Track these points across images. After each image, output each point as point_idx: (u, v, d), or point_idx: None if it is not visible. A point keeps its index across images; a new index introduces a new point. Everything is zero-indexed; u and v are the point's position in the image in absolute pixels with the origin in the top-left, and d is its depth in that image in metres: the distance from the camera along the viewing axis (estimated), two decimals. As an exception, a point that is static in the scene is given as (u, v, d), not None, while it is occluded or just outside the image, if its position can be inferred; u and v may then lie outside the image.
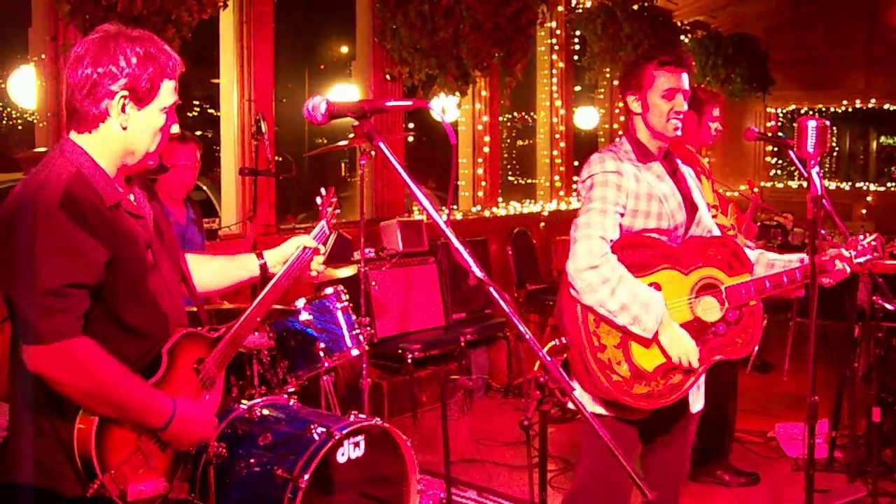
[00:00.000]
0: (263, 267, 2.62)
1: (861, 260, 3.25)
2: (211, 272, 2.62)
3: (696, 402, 3.23)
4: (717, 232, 3.30)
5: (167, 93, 2.21)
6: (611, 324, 2.92)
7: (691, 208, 3.18)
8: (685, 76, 3.09)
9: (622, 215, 3.00)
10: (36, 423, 2.13)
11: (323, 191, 2.98)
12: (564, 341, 2.97)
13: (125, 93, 2.14)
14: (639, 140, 3.13)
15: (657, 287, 2.99)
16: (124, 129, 2.17)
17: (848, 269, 3.20)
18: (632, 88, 3.13)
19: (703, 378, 3.25)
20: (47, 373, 2.04)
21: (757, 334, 3.14)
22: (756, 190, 5.50)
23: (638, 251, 2.99)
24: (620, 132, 3.27)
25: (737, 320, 3.08)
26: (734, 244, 3.17)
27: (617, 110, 9.73)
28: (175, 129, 2.28)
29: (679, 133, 3.10)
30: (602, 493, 3.16)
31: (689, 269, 3.06)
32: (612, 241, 2.94)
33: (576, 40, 9.02)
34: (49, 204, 2.02)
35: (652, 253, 3.01)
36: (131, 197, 2.28)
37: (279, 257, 2.64)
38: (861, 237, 3.28)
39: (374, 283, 5.86)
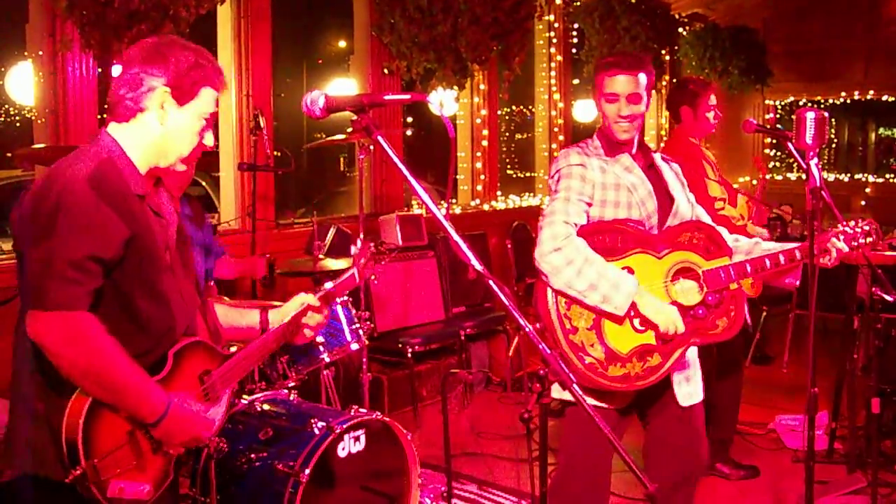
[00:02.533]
0: (264, 321, 2.62)
1: (854, 243, 3.24)
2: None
3: (688, 396, 3.21)
4: (705, 219, 3.32)
5: (208, 100, 2.28)
6: (583, 305, 2.96)
7: (666, 199, 3.20)
8: (627, 78, 3.11)
9: (589, 205, 3.07)
10: (30, 405, 2.13)
11: (359, 241, 3.22)
12: (539, 326, 3.02)
13: (167, 89, 2.20)
14: (607, 135, 3.21)
15: (629, 271, 3.03)
16: (161, 125, 2.23)
17: (845, 248, 3.19)
18: (593, 91, 3.24)
19: (695, 371, 3.27)
20: (47, 340, 2.04)
21: (740, 318, 3.15)
22: (765, 176, 5.48)
23: (609, 236, 3.03)
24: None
25: (717, 304, 3.10)
26: (711, 229, 3.18)
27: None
28: (210, 139, 2.33)
29: (627, 136, 3.15)
30: (584, 480, 3.20)
31: (663, 253, 3.09)
32: (577, 224, 3.00)
33: (574, 33, 9.01)
34: (75, 178, 2.07)
35: (623, 237, 3.05)
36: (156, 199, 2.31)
37: (282, 315, 2.63)
38: (853, 223, 3.27)
39: (373, 277, 5.85)
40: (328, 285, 2.84)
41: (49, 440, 2.08)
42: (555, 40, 8.74)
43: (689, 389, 3.23)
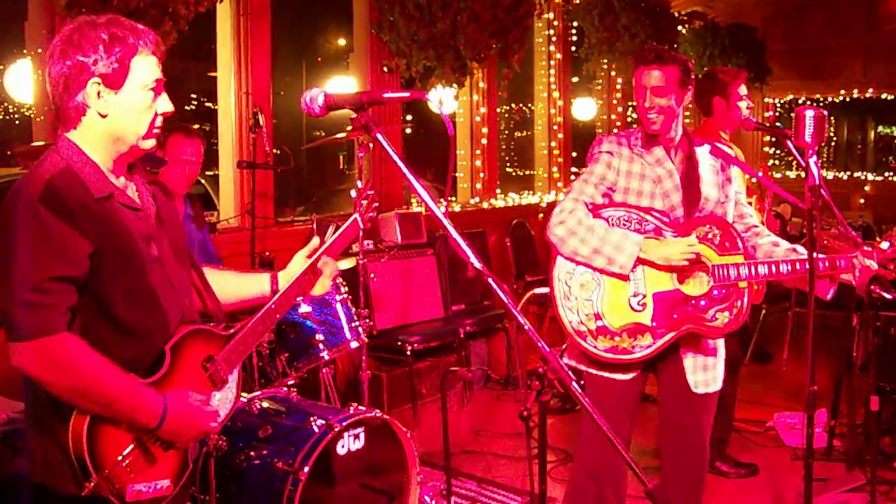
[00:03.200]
0: (275, 285, 2.53)
1: (892, 268, 3.23)
2: (217, 284, 2.50)
3: (701, 384, 3.29)
4: (750, 220, 3.41)
5: (144, 69, 2.14)
6: (593, 269, 3.14)
7: (695, 193, 3.28)
8: (652, 72, 3.21)
9: (613, 190, 3.24)
10: (39, 421, 2.12)
11: (359, 183, 2.94)
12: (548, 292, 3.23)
13: (97, 80, 2.09)
14: (644, 127, 3.31)
15: None
16: (104, 116, 2.12)
17: (874, 266, 3.17)
18: None
19: (717, 361, 3.33)
20: (30, 370, 2.01)
21: (741, 316, 3.19)
22: (768, 175, 5.40)
23: (627, 217, 3.21)
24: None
25: (722, 299, 3.16)
26: (729, 226, 3.25)
27: (615, 101, 9.72)
28: (165, 104, 2.20)
29: (655, 127, 3.24)
30: (598, 463, 3.31)
31: None
32: (588, 203, 3.19)
33: (573, 31, 9.00)
34: (29, 198, 1.99)
35: (640, 222, 3.20)
36: (131, 189, 2.23)
37: (290, 276, 2.54)
38: (883, 245, 3.23)
39: (372, 275, 5.86)
40: (330, 235, 2.73)
41: (60, 455, 2.06)
42: (554, 38, 8.73)
43: (705, 377, 3.30)
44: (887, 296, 3.97)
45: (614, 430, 3.25)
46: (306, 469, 3.19)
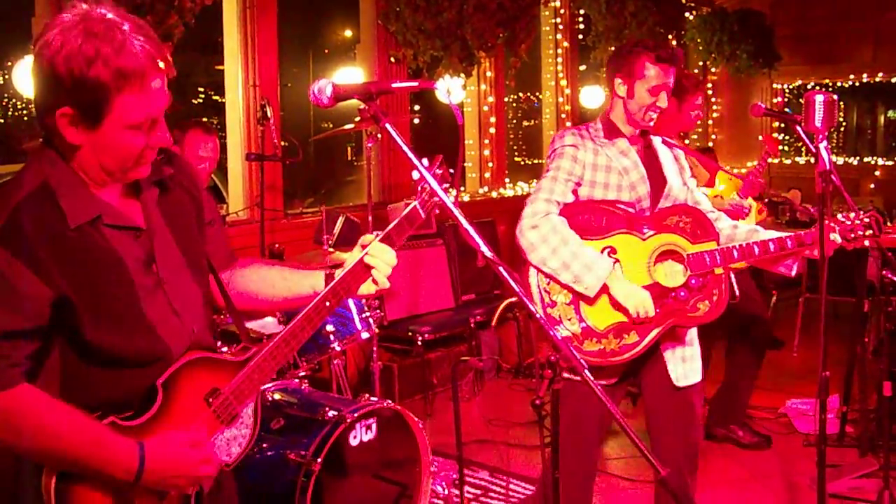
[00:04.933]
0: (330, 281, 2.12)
1: (852, 235, 3.19)
2: (263, 279, 2.18)
3: (684, 377, 3.26)
4: (705, 205, 3.36)
5: (134, 107, 1.73)
6: (557, 282, 3.07)
7: (660, 183, 3.24)
8: (670, 72, 3.18)
9: (579, 184, 3.16)
10: (22, 477, 1.86)
11: (426, 161, 2.02)
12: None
13: (66, 112, 1.71)
14: (610, 119, 3.26)
15: (612, 251, 3.11)
16: (78, 145, 1.76)
17: (838, 240, 3.16)
18: (622, 72, 3.22)
19: (693, 352, 3.30)
20: None
21: (723, 301, 3.17)
22: (768, 158, 5.37)
23: (595, 216, 3.13)
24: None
25: (700, 287, 3.13)
26: (699, 213, 3.21)
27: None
28: (160, 137, 1.81)
29: (652, 125, 3.22)
30: (575, 456, 3.29)
31: (647, 235, 3.15)
32: (560, 203, 3.11)
33: (580, 19, 8.97)
34: None
35: (609, 218, 3.13)
36: (131, 204, 1.91)
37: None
38: (853, 214, 3.22)
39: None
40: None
41: None
42: (561, 26, 8.71)
43: (685, 370, 3.27)
44: (900, 281, 3.96)
45: (589, 440, 3.28)
46: (319, 460, 3.19)
